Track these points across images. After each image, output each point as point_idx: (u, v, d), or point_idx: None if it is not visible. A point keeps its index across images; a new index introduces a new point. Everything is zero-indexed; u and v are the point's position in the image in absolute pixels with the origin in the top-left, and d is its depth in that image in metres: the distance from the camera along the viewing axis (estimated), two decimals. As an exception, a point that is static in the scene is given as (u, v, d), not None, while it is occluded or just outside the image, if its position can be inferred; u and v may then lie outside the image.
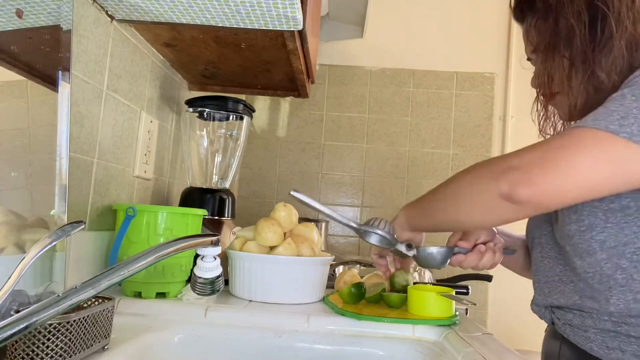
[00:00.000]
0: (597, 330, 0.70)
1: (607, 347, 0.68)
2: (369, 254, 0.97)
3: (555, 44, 0.73)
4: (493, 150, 1.87)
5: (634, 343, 0.66)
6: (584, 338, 0.72)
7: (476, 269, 0.84)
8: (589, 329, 0.71)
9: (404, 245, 0.82)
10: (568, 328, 0.75)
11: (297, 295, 0.94)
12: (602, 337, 0.69)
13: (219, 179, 1.27)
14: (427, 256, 0.82)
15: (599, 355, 0.69)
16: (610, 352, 0.68)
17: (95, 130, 0.91)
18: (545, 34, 0.74)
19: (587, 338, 0.71)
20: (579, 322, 0.72)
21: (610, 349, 0.68)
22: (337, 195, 1.91)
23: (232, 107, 1.21)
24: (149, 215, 0.89)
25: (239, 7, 0.86)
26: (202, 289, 0.62)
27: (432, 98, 1.92)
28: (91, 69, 0.88)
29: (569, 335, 0.75)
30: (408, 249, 0.82)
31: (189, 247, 0.56)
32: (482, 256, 0.81)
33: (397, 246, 0.81)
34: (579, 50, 0.70)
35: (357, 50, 1.95)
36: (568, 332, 0.75)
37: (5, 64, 0.63)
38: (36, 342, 0.51)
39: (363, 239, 0.82)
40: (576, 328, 0.73)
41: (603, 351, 0.69)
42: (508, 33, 1.91)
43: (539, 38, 0.76)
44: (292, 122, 1.94)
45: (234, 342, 0.79)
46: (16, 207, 0.65)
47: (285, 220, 0.99)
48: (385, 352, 0.79)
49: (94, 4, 0.88)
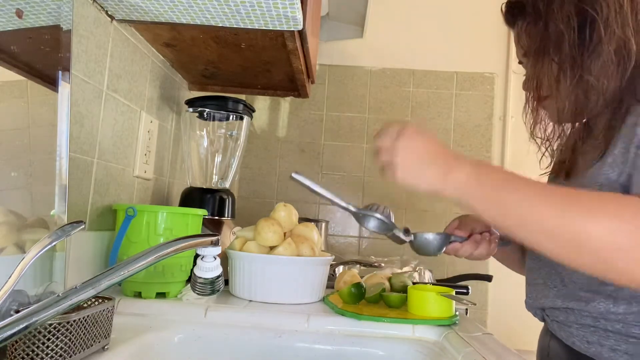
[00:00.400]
0: (579, 326, 0.71)
1: (587, 342, 0.70)
2: (369, 254, 0.97)
3: (545, 49, 0.73)
4: (493, 150, 1.87)
5: (611, 337, 0.67)
6: (567, 333, 0.73)
7: (470, 258, 0.84)
8: (572, 325, 0.72)
9: (402, 230, 0.81)
10: (555, 324, 0.76)
11: (297, 295, 0.94)
12: (582, 332, 0.71)
13: (219, 179, 1.27)
14: (423, 242, 0.82)
15: (580, 350, 0.71)
16: (589, 347, 0.69)
17: (95, 130, 0.91)
18: (535, 39, 0.75)
19: (570, 333, 0.73)
20: (564, 318, 0.74)
21: (590, 343, 0.69)
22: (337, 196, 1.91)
23: (232, 107, 1.21)
24: (149, 215, 0.89)
25: (239, 7, 0.86)
26: (202, 289, 0.62)
27: (432, 98, 1.92)
28: (91, 69, 0.88)
29: (555, 331, 0.76)
30: (406, 234, 0.81)
31: (189, 247, 0.56)
32: (478, 246, 0.82)
33: (395, 231, 0.80)
34: (568, 55, 0.70)
35: (357, 50, 1.95)
36: (555, 328, 0.77)
37: (5, 64, 0.62)
38: (36, 342, 0.51)
39: (361, 224, 0.79)
40: (562, 324, 0.75)
41: (584, 345, 0.70)
42: (508, 33, 1.91)
43: (529, 42, 0.77)
44: (292, 122, 1.94)
45: (234, 342, 0.79)
46: (16, 207, 0.65)
47: (285, 220, 0.99)
48: (385, 352, 0.79)
49: (94, 4, 0.88)
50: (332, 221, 1.89)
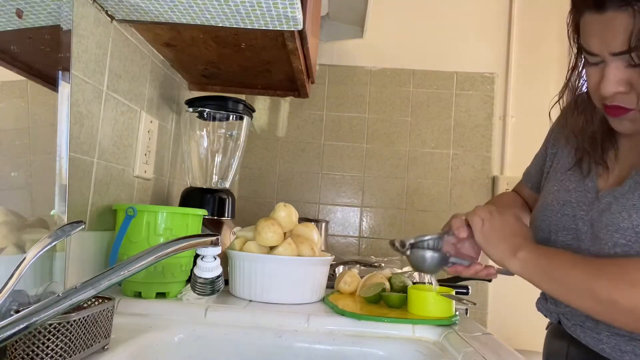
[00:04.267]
0: (611, 334, 0.69)
1: (620, 350, 0.68)
2: (369, 254, 0.97)
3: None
4: (493, 150, 1.87)
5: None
6: (596, 340, 0.71)
7: None
8: (602, 332, 0.70)
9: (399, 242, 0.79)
10: (579, 329, 0.74)
11: (297, 295, 0.94)
12: (615, 340, 0.69)
13: (219, 179, 1.27)
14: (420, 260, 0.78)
15: (610, 357, 0.69)
16: (623, 355, 0.68)
17: (95, 130, 0.91)
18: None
19: (599, 340, 0.71)
20: (592, 324, 0.72)
21: (623, 352, 0.68)
22: (337, 195, 1.91)
23: (232, 107, 1.21)
24: (149, 215, 0.89)
25: (239, 7, 0.86)
26: (202, 289, 0.62)
27: (432, 98, 1.92)
28: (91, 69, 0.88)
29: (579, 336, 0.74)
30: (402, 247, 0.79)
31: (189, 247, 0.56)
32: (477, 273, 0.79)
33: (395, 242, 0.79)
34: None
35: (357, 50, 1.95)
36: (578, 333, 0.74)
37: (5, 64, 0.62)
38: (36, 342, 0.51)
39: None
40: (588, 330, 0.73)
41: (616, 354, 0.68)
42: (508, 33, 1.91)
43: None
44: (292, 122, 1.94)
45: (234, 342, 0.79)
46: (16, 207, 0.65)
47: (285, 220, 0.99)
48: (385, 352, 0.79)
49: (94, 4, 0.88)
50: (332, 221, 1.89)
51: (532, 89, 1.88)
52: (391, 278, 1.01)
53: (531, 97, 1.87)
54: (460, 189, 1.86)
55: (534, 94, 1.87)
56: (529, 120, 1.84)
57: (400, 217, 1.86)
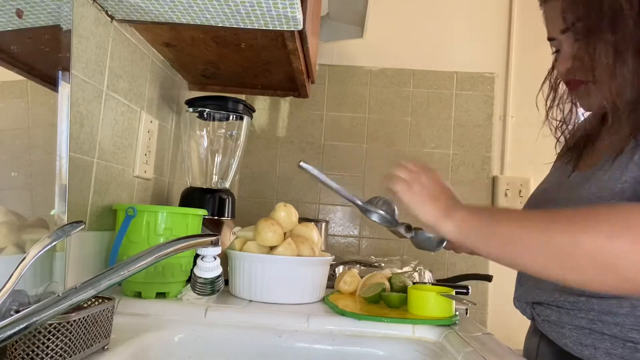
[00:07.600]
0: (573, 327, 0.70)
1: (580, 344, 0.69)
2: (369, 254, 0.97)
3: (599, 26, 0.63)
4: (493, 150, 1.87)
5: (607, 340, 0.66)
6: (560, 334, 0.72)
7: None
8: (565, 325, 0.71)
9: (403, 226, 0.83)
10: (546, 324, 0.75)
11: (297, 295, 0.94)
12: (576, 333, 0.69)
13: (219, 179, 1.27)
14: (424, 240, 0.84)
15: (572, 352, 0.69)
16: (583, 349, 0.68)
17: (95, 130, 0.91)
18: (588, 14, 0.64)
19: (562, 334, 0.71)
20: (556, 318, 0.72)
21: (583, 345, 0.68)
22: (337, 195, 1.91)
23: (232, 107, 1.21)
24: (149, 215, 0.89)
25: (239, 7, 0.86)
26: (202, 289, 0.62)
27: (432, 98, 1.92)
28: (91, 69, 0.88)
29: (547, 332, 0.75)
30: (407, 230, 0.83)
31: (189, 247, 0.56)
32: None
33: (397, 227, 0.83)
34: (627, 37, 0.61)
35: (357, 50, 1.95)
36: (546, 329, 0.75)
37: (5, 64, 0.62)
38: (36, 342, 0.51)
39: (365, 216, 0.83)
40: (553, 324, 0.73)
41: (577, 347, 0.69)
42: (508, 33, 1.91)
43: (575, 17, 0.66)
44: (292, 122, 1.94)
45: (234, 342, 0.79)
46: (16, 207, 0.65)
47: (285, 220, 0.99)
48: (385, 352, 0.79)
49: (94, 4, 0.88)
50: (332, 221, 1.89)
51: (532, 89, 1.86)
52: (391, 278, 1.01)
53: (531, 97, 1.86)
54: (460, 189, 1.86)
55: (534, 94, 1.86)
56: (529, 120, 1.85)
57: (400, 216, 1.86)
